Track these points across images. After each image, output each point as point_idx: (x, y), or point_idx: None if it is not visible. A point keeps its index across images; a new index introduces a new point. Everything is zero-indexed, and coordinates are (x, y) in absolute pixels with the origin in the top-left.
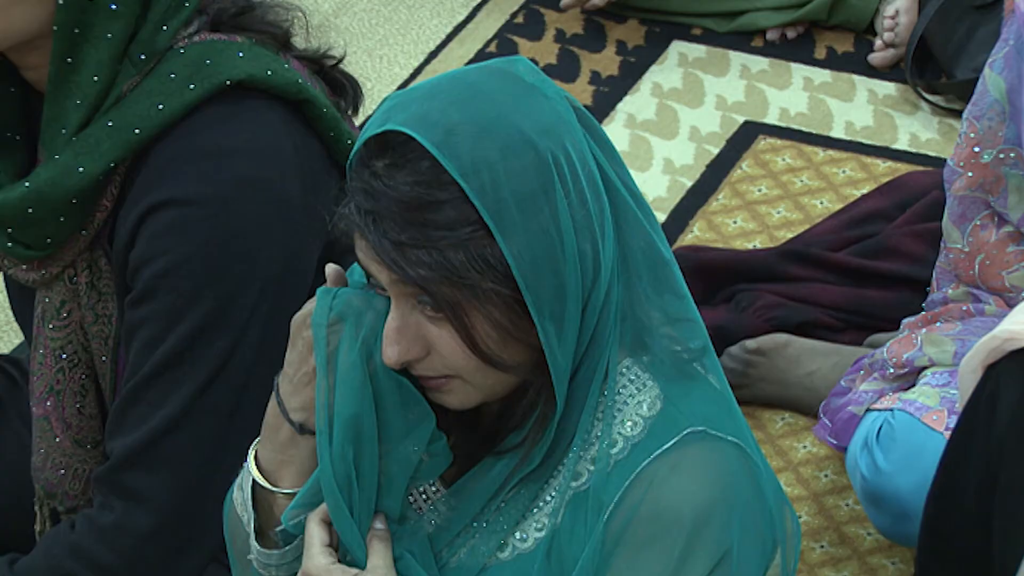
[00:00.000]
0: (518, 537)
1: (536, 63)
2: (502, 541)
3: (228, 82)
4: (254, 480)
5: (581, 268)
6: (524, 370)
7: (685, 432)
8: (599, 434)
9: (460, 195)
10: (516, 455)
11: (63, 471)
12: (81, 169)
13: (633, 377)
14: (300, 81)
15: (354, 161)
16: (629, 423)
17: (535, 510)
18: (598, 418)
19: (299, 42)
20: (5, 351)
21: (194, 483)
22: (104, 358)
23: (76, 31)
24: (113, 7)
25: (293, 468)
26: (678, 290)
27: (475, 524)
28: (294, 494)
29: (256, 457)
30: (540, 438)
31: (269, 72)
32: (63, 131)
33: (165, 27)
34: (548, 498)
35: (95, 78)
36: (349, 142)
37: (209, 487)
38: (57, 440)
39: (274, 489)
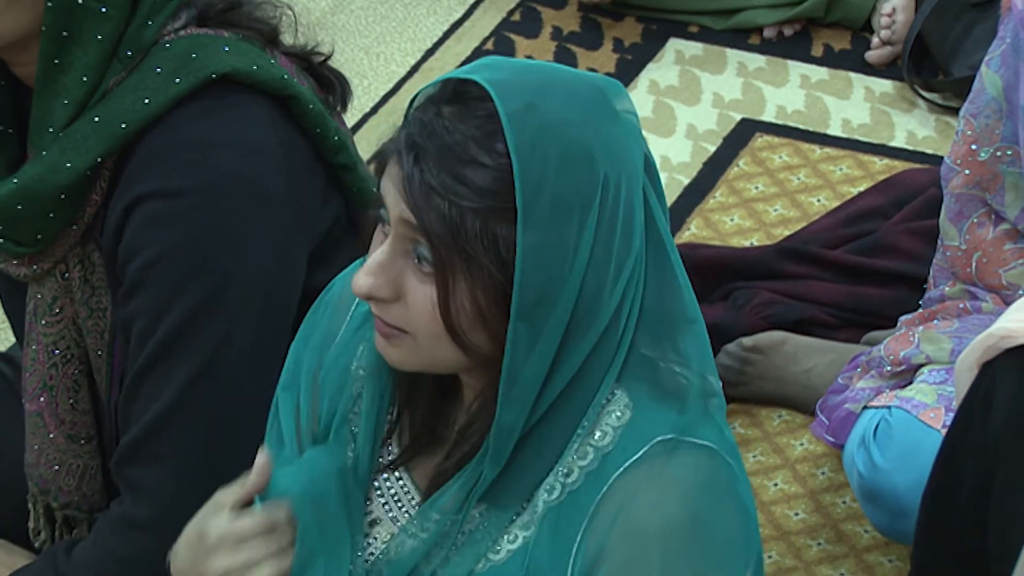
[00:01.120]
0: (493, 550)
1: (532, 59)
2: (480, 555)
3: (213, 75)
4: None
5: (578, 295)
6: (478, 358)
7: (654, 441)
8: (569, 449)
9: (505, 168)
10: (475, 472)
11: (57, 467)
12: (68, 164)
13: (610, 396)
14: (286, 77)
15: (421, 96)
16: (599, 433)
17: (509, 523)
18: (577, 434)
19: (287, 39)
20: (2, 348)
21: (191, 477)
22: (100, 352)
23: (64, 34)
24: (103, 10)
25: None
26: (687, 349)
27: (451, 538)
28: None
29: None
30: (491, 452)
31: (255, 67)
32: (50, 130)
33: (150, 22)
34: (521, 510)
35: (84, 79)
36: (336, 139)
37: (207, 481)
38: (51, 436)
39: None
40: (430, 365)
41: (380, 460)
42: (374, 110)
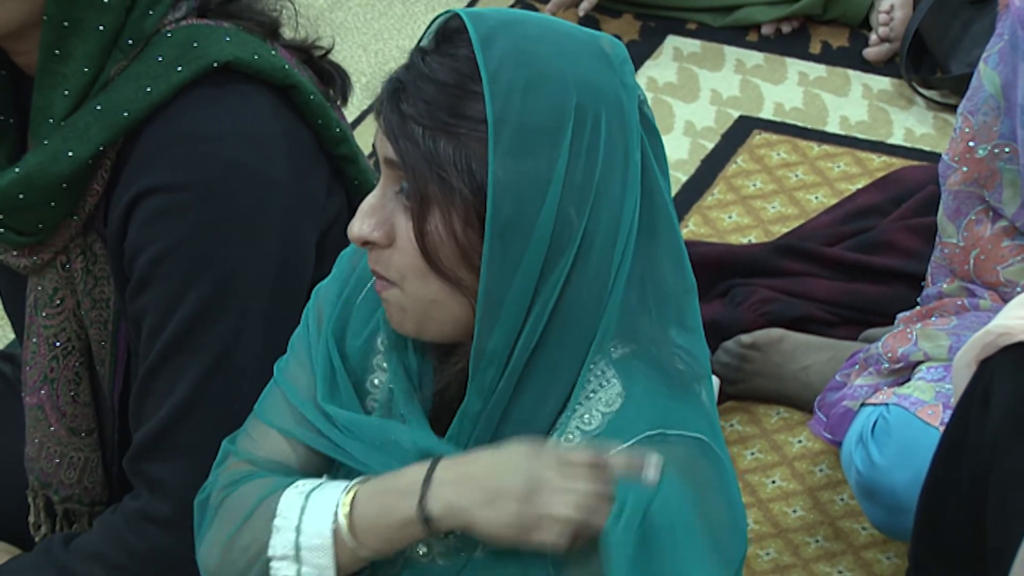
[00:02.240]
0: None
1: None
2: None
3: (215, 64)
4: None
5: (555, 219)
6: (462, 289)
7: (642, 435)
8: (558, 427)
9: (479, 95)
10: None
11: (58, 460)
12: (70, 153)
13: (599, 373)
14: (286, 67)
15: (417, 45)
16: (587, 415)
17: None
18: (567, 412)
19: (287, 32)
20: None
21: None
22: (103, 343)
23: (65, 24)
24: (104, 0)
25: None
26: (689, 323)
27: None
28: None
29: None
30: (473, 380)
31: (256, 56)
32: (50, 120)
33: (151, 11)
34: None
35: (85, 69)
36: (338, 130)
37: None
38: (52, 429)
39: (352, 545)
40: (424, 319)
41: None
42: (372, 107)
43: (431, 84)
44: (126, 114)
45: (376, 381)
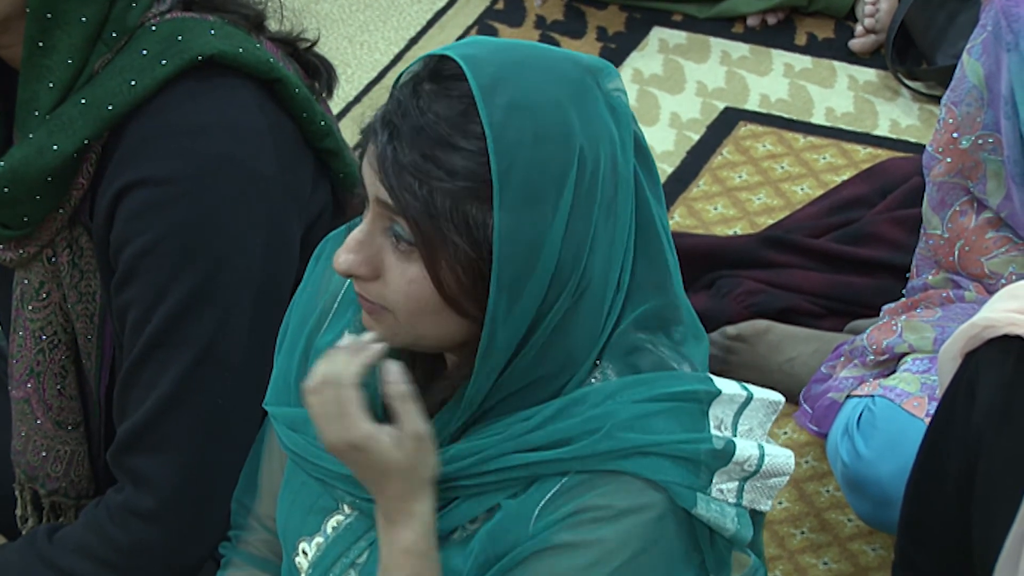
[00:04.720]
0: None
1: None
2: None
3: (199, 57)
4: None
5: (556, 265)
6: (462, 313)
7: (586, 514)
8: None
9: (478, 150)
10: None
11: (44, 453)
12: (55, 147)
13: (599, 376)
14: (271, 60)
15: (405, 75)
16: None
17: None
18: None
19: (273, 25)
20: None
21: (193, 465)
22: (90, 337)
23: (48, 16)
24: None
25: None
26: (677, 336)
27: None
28: None
29: None
30: (455, 415)
31: (240, 50)
32: (36, 113)
33: (135, 4)
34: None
35: (69, 61)
36: (323, 124)
37: (210, 469)
38: (38, 422)
39: None
40: (415, 341)
41: None
42: (358, 99)
43: (427, 138)
44: (111, 108)
45: None
